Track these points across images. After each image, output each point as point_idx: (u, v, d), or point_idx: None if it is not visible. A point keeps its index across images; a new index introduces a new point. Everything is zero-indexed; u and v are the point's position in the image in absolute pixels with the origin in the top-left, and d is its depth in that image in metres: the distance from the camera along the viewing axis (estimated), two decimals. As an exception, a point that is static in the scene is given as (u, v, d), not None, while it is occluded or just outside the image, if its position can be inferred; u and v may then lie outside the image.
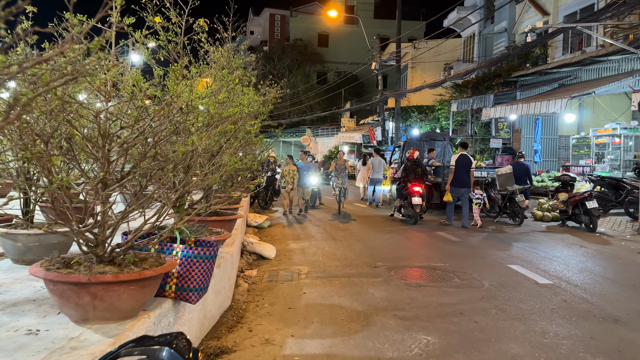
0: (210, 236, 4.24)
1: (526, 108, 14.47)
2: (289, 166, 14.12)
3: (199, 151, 3.17)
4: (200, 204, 5.25)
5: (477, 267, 7.36)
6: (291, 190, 14.03)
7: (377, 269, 7.07)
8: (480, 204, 11.84)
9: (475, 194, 11.84)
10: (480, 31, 28.83)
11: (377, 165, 15.90)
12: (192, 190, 3.83)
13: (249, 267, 7.18)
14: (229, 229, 5.47)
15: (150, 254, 3.30)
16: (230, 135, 3.70)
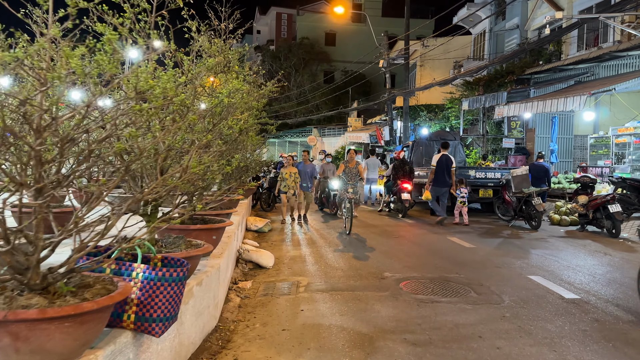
0: (188, 250, 3.62)
1: (541, 106, 13.73)
2: (290, 168, 12.27)
3: (160, 149, 2.54)
4: (188, 209, 4.64)
5: (494, 278, 6.69)
6: (292, 196, 12.14)
7: (384, 280, 6.41)
8: (465, 202, 11.96)
9: (461, 192, 11.96)
10: (491, 28, 28.04)
11: (372, 166, 16.52)
12: (161, 195, 3.21)
13: (243, 278, 6.56)
14: (217, 239, 4.84)
15: (101, 277, 2.67)
16: (200, 130, 3.07)
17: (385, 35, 23.50)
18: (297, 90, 43.40)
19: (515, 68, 18.48)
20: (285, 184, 12.04)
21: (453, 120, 22.88)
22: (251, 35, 60.44)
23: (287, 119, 39.83)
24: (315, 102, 40.42)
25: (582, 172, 15.15)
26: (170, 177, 2.56)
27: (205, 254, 3.67)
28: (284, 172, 12.18)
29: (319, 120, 39.99)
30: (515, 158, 17.83)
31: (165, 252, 3.50)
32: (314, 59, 46.50)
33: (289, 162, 12.51)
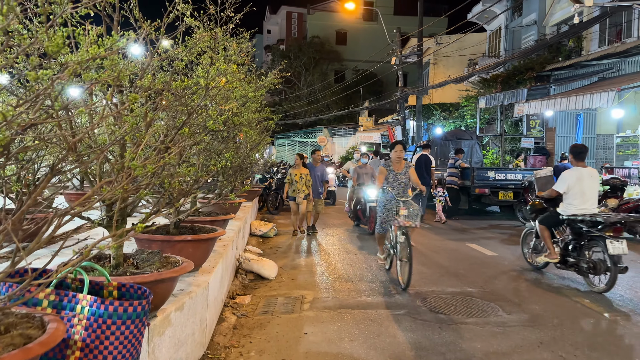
0: (160, 270, 2.94)
1: (565, 103, 12.90)
2: (300, 169, 10.14)
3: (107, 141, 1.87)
4: (173, 216, 3.97)
5: (523, 293, 5.94)
6: (303, 201, 10.07)
7: (399, 295, 5.70)
8: (443, 201, 12.33)
9: (438, 192, 12.37)
10: (507, 24, 27.14)
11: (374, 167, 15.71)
12: (121, 197, 2.54)
13: (242, 291, 5.88)
14: (206, 251, 4.17)
15: (31, 314, 2.00)
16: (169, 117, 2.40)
17: (397, 32, 22.71)
18: (307, 90, 42.76)
19: (534, 64, 17.61)
20: (294, 188, 10.05)
21: (469, 119, 22.02)
22: (261, 35, 60.00)
23: (297, 119, 39.22)
24: (325, 102, 39.74)
25: (608, 174, 14.28)
26: (128, 178, 1.88)
27: (183, 274, 3.00)
28: (293, 173, 10.10)
29: (329, 120, 39.32)
30: (534, 159, 16.98)
31: (131, 274, 2.82)
32: (325, 58, 45.85)
33: (299, 162, 10.31)
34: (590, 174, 6.38)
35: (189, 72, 2.77)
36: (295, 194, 10.04)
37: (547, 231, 6.63)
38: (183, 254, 3.94)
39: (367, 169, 10.95)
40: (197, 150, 3.32)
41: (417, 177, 6.99)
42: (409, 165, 7.05)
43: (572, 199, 6.32)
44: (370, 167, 11.06)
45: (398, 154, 6.97)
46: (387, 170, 6.90)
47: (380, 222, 6.81)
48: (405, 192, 6.76)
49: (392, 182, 6.82)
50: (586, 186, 6.24)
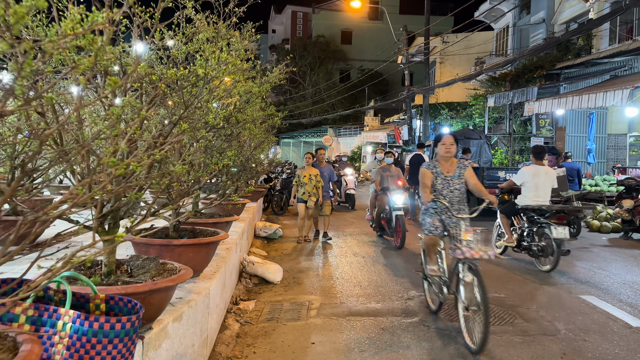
0: (156, 279, 2.69)
1: (577, 101, 12.58)
2: (309, 169, 9.22)
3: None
4: (170, 218, 3.73)
5: (540, 298, 5.67)
6: (313, 206, 9.09)
7: (410, 301, 5.43)
8: None
9: None
10: (515, 23, 26.81)
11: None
12: (114, 195, 2.30)
13: (246, 296, 5.63)
14: (208, 255, 3.92)
15: (4, 332, 1.76)
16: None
17: (404, 30, 22.41)
18: (312, 89, 42.51)
19: (544, 62, 17.27)
20: (304, 191, 9.09)
21: (477, 119, 21.69)
22: (266, 34, 59.81)
23: (302, 119, 38.97)
24: (330, 101, 39.47)
25: (621, 174, 13.96)
26: (111, 176, 1.63)
27: (181, 282, 2.75)
28: (301, 174, 9.15)
29: (334, 119, 39.05)
30: (544, 158, 16.62)
31: (123, 283, 2.58)
32: (330, 57, 45.56)
33: (309, 162, 9.31)
34: (546, 171, 7.37)
35: (189, 66, 2.53)
36: (305, 197, 9.06)
37: (506, 219, 7.64)
38: (183, 259, 3.70)
39: (392, 171, 9.48)
40: (198, 148, 3.07)
41: (478, 182, 5.00)
42: (464, 166, 4.98)
43: (527, 191, 7.27)
44: (395, 169, 9.60)
45: (447, 148, 4.84)
46: (432, 172, 4.88)
47: (431, 223, 4.86)
48: (461, 204, 4.88)
49: (442, 190, 4.87)
50: (540, 181, 7.22)
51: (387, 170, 9.51)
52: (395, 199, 8.78)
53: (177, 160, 2.63)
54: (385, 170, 9.51)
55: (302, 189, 9.11)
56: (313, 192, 9.03)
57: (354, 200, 14.87)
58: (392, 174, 9.44)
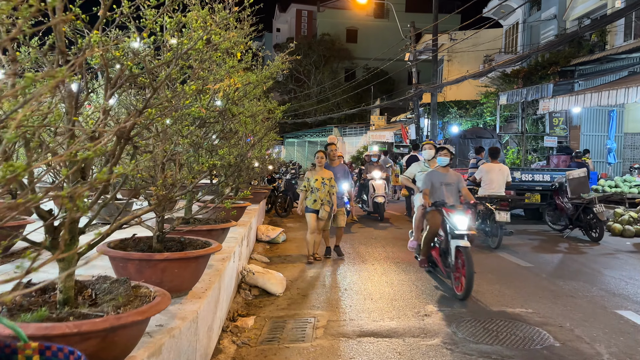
0: (124, 310, 2.12)
1: (596, 98, 11.95)
2: (321, 171, 7.40)
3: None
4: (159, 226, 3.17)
5: (573, 314, 5.08)
6: (326, 217, 7.32)
7: (429, 318, 4.85)
8: None
9: None
10: (525, 19, 26.16)
11: None
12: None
13: (245, 311, 5.07)
14: (198, 270, 3.36)
15: None
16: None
17: (411, 27, 21.80)
18: (317, 88, 41.95)
19: (558, 59, 16.62)
20: (315, 198, 7.26)
21: (488, 117, 21.03)
22: (270, 33, 59.33)
23: (307, 118, 38.41)
24: (335, 100, 38.88)
25: (639, 176, 13.32)
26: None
27: (155, 313, 2.18)
28: (311, 178, 7.36)
29: (339, 119, 38.45)
30: (558, 158, 15.99)
31: (78, 316, 2.01)
32: (335, 56, 44.96)
33: (321, 163, 7.47)
34: (500, 168, 9.28)
35: (160, 35, 1.97)
36: (317, 205, 7.25)
37: None
38: (167, 276, 3.15)
39: (449, 177, 6.52)
40: (182, 145, 2.51)
41: None
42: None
43: (483, 184, 9.23)
44: (454, 174, 6.71)
45: None
46: None
47: None
48: None
49: None
50: (494, 176, 9.12)
51: (441, 176, 6.52)
52: (457, 221, 5.72)
53: (162, 160, 2.05)
54: (439, 176, 6.53)
55: (313, 196, 7.28)
56: (327, 200, 7.25)
57: (384, 210, 12.12)
58: (450, 181, 6.49)
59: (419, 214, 6.92)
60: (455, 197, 6.36)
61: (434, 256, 6.35)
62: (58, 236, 2.13)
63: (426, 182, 6.52)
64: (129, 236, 3.52)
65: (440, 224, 6.12)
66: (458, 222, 5.70)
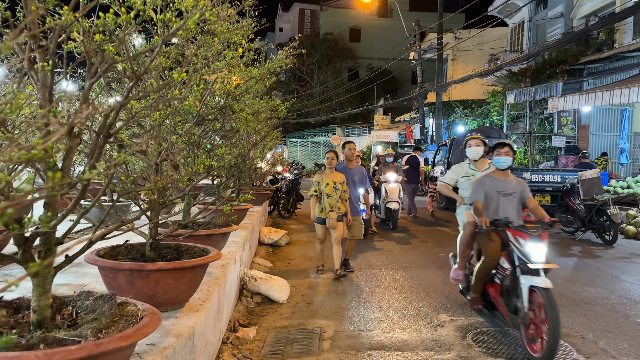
0: (106, 334, 1.85)
1: (608, 96, 11.64)
2: (332, 174, 6.51)
3: None
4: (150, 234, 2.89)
5: (594, 324, 4.78)
6: (338, 224, 6.45)
7: (442, 328, 4.56)
8: (434, 196, 13.42)
9: (429, 187, 13.46)
10: (531, 18, 25.81)
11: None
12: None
13: (247, 320, 4.79)
14: (192, 282, 3.08)
15: None
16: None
17: (416, 25, 21.51)
18: (320, 88, 41.68)
19: (567, 57, 16.29)
20: (325, 205, 6.45)
21: (494, 116, 20.70)
22: (273, 33, 59.10)
23: (310, 118, 38.13)
24: (338, 100, 38.59)
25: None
26: None
27: (142, 338, 1.90)
28: (321, 181, 6.51)
29: (342, 119, 38.16)
30: (567, 158, 15.67)
31: (51, 342, 1.73)
32: (338, 55, 44.68)
33: (332, 164, 6.53)
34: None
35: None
36: (324, 214, 6.44)
37: None
38: (160, 288, 2.87)
39: (510, 184, 4.74)
40: (176, 144, 2.23)
41: None
42: None
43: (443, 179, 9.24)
44: (516, 180, 4.83)
45: None
46: None
47: None
48: None
49: None
50: None
51: (498, 184, 4.71)
52: (530, 250, 4.09)
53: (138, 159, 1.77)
54: (495, 184, 4.71)
55: (322, 204, 6.48)
56: (337, 206, 6.41)
57: (397, 217, 10.64)
58: (510, 189, 4.70)
59: (467, 234, 5.02)
60: (517, 212, 4.69)
61: (492, 295, 4.57)
62: (30, 248, 1.85)
63: (477, 191, 4.76)
64: (122, 242, 3.25)
65: (500, 251, 4.46)
66: (532, 251, 4.06)
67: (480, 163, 5.37)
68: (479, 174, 5.17)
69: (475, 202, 4.73)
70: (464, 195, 5.30)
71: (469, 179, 5.22)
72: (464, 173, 5.42)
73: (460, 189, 5.46)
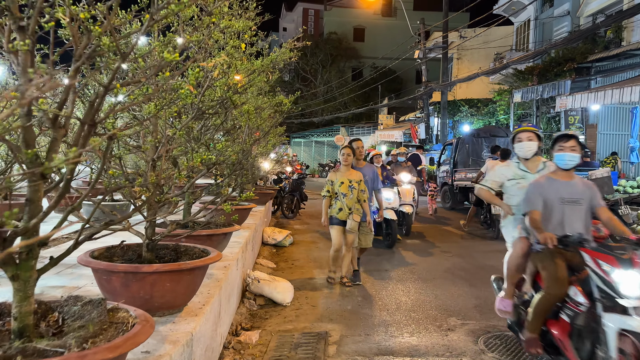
0: (92, 343, 1.68)
1: (617, 95, 11.40)
2: (348, 172, 6.02)
3: None
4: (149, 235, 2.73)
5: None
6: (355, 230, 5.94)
7: (452, 332, 4.38)
8: (433, 195, 13.25)
9: (429, 186, 13.33)
10: (537, 16, 25.57)
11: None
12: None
13: (249, 323, 4.62)
14: (191, 285, 2.92)
15: None
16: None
17: (421, 23, 21.31)
18: (324, 87, 41.51)
19: (575, 55, 16.05)
20: (340, 205, 5.90)
21: (501, 115, 20.45)
22: (277, 32, 58.97)
23: (314, 118, 37.95)
24: (342, 100, 38.40)
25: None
26: None
27: (132, 348, 1.74)
28: (336, 180, 6.01)
29: (346, 118, 37.97)
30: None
31: (30, 355, 1.57)
32: (342, 55, 44.48)
33: (347, 162, 6.01)
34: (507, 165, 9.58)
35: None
36: (344, 215, 5.88)
37: (474, 208, 10.40)
38: (157, 292, 2.71)
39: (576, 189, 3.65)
40: (172, 138, 2.07)
41: None
42: None
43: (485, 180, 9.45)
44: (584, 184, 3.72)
45: None
46: None
47: None
48: None
49: None
50: None
51: (561, 188, 3.64)
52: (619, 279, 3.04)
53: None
54: (557, 188, 3.65)
55: (338, 204, 5.90)
56: (356, 208, 5.88)
57: (411, 223, 9.78)
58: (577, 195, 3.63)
59: (518, 254, 3.89)
60: (586, 225, 3.62)
61: (556, 336, 3.41)
62: (9, 249, 1.69)
63: (534, 198, 3.69)
64: (118, 243, 3.09)
65: (567, 277, 3.39)
66: (621, 280, 3.00)
67: (533, 162, 4.19)
68: (531, 175, 4.09)
69: (532, 211, 3.64)
70: (511, 203, 4.18)
71: (519, 182, 4.14)
72: (511, 175, 4.25)
73: (506, 195, 4.34)
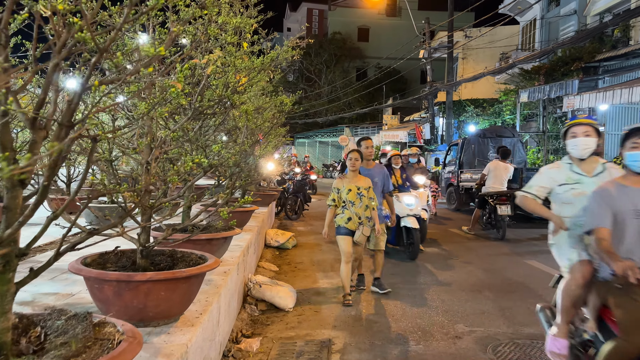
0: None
1: (627, 94, 11.20)
2: (355, 178, 5.43)
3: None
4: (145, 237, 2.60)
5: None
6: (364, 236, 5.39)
7: (460, 340, 4.23)
8: (435, 196, 13.12)
9: (431, 187, 13.36)
10: (543, 15, 25.34)
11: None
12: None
13: (250, 330, 4.49)
14: (187, 293, 2.78)
15: None
16: None
17: (426, 23, 21.14)
18: (328, 88, 41.38)
19: (582, 54, 15.85)
20: (348, 215, 5.34)
21: (507, 115, 20.25)
22: (281, 32, 58.89)
23: (318, 118, 37.83)
24: (347, 100, 38.26)
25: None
26: None
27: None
28: (342, 188, 5.40)
29: (351, 119, 37.83)
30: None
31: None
32: (346, 55, 44.38)
33: (355, 166, 5.40)
34: (505, 167, 9.98)
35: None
36: (353, 225, 5.33)
37: (478, 211, 10.13)
38: (151, 301, 2.58)
39: None
40: (165, 139, 1.93)
41: None
42: None
43: (488, 181, 9.90)
44: None
45: None
46: None
47: None
48: None
49: None
50: (498, 174, 9.85)
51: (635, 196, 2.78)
52: None
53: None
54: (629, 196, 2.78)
55: (347, 213, 5.33)
56: (366, 217, 5.33)
57: (425, 231, 8.67)
58: None
59: (578, 283, 3.03)
60: None
61: None
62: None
63: (599, 210, 2.84)
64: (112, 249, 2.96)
65: None
66: None
67: (589, 163, 3.31)
68: (588, 180, 3.23)
69: (598, 229, 2.78)
70: (564, 215, 3.28)
71: (574, 187, 3.26)
72: (563, 179, 3.33)
73: (555, 204, 3.42)
